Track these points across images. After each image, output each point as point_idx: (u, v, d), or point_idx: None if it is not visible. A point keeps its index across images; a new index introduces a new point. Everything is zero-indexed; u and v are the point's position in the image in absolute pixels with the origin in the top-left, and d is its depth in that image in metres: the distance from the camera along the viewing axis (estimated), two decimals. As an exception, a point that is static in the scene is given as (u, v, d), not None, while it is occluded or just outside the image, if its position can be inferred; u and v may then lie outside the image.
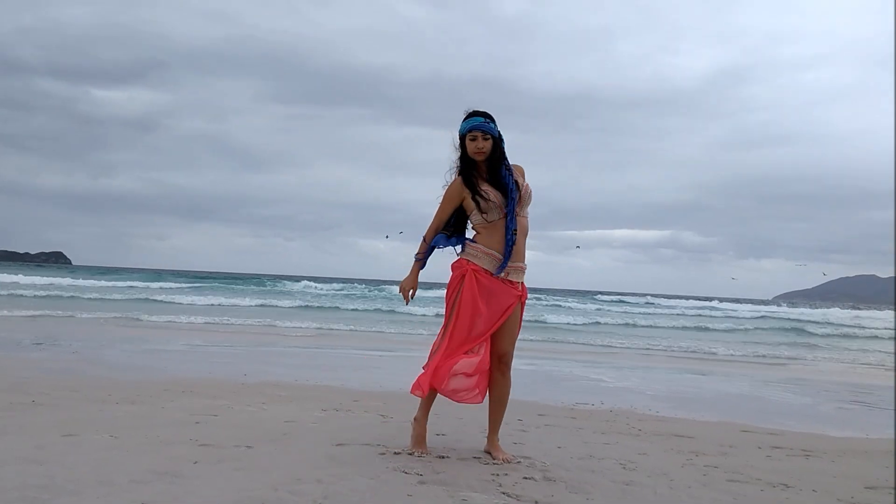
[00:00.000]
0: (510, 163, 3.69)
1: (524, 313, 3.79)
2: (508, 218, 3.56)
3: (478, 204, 3.57)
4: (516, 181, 3.61)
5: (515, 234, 3.57)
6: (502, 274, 3.59)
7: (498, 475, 3.32)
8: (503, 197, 3.56)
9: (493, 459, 3.62)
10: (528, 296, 3.83)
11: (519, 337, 3.76)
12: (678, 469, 3.74)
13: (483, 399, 3.67)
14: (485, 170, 3.64)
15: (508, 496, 3.00)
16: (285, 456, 3.50)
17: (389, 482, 3.12)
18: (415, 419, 3.75)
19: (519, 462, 3.61)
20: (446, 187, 3.70)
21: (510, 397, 3.74)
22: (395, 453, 3.65)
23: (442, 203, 3.71)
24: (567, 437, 4.51)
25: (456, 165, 3.71)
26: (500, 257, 3.57)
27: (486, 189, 3.59)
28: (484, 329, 3.57)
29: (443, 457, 3.63)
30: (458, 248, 3.73)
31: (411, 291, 3.73)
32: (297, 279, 48.66)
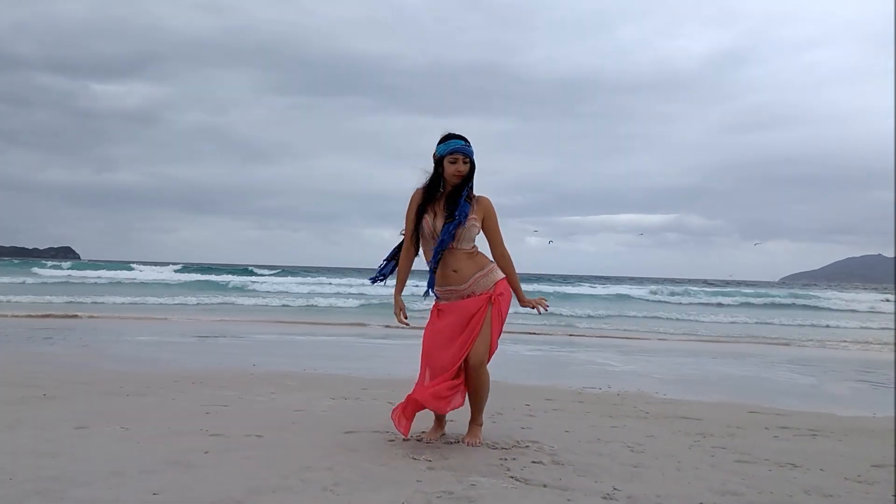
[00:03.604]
0: (477, 195, 3.70)
1: (503, 310, 3.70)
2: (432, 257, 3.63)
3: (419, 233, 3.70)
4: (465, 215, 3.60)
5: (435, 266, 3.62)
6: (461, 297, 3.63)
7: (506, 460, 3.34)
8: (440, 229, 3.60)
9: (461, 440, 3.68)
10: (533, 279, 3.85)
11: (524, 323, 3.77)
12: (686, 451, 3.75)
13: (464, 400, 3.72)
14: (445, 196, 3.66)
15: (517, 480, 3.02)
16: (295, 444, 3.53)
17: (399, 468, 3.14)
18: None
19: (526, 447, 3.63)
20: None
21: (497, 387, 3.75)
22: (403, 440, 3.67)
23: (406, 224, 3.78)
24: (575, 420, 4.53)
25: (423, 186, 3.73)
26: (450, 289, 3.65)
27: (426, 221, 3.64)
28: (458, 349, 3.56)
29: (451, 442, 3.66)
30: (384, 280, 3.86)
31: (401, 314, 3.78)
32: (304, 271, 48.73)
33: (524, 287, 3.85)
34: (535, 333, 11.81)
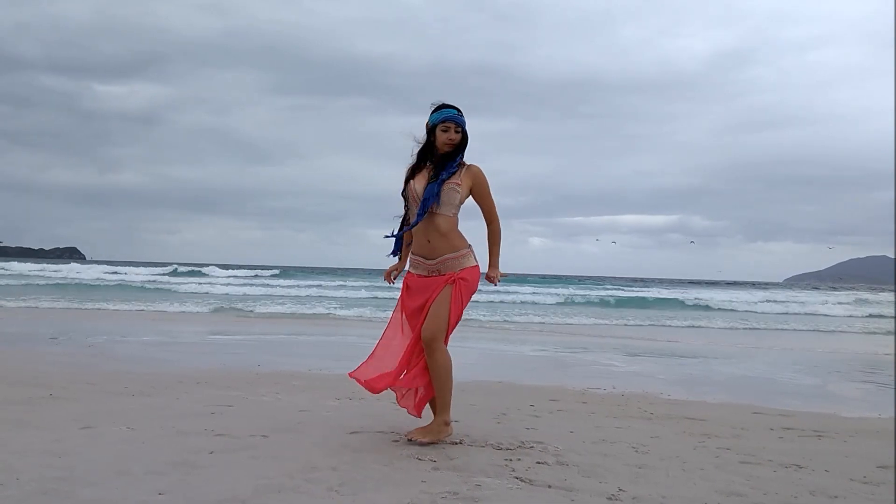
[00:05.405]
0: (467, 164, 3.73)
1: (464, 296, 3.71)
2: (416, 216, 3.66)
3: (405, 200, 3.80)
4: (446, 182, 3.63)
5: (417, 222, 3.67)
6: (429, 272, 3.71)
7: (511, 460, 3.35)
8: (421, 192, 3.66)
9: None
10: (537, 283, 3.88)
11: (524, 324, 3.78)
12: (691, 451, 3.75)
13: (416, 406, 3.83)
14: (434, 164, 3.71)
15: (521, 481, 3.03)
16: (300, 444, 3.54)
17: (404, 469, 3.15)
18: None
19: (531, 447, 3.63)
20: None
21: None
22: (408, 440, 3.68)
23: (404, 203, 3.87)
24: (579, 421, 4.53)
25: (413, 154, 3.79)
26: (420, 258, 3.74)
27: (410, 190, 3.72)
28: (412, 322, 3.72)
29: (456, 443, 3.67)
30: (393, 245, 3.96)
31: (394, 274, 3.99)
32: (312, 271, 48.67)
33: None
34: (534, 324, 11.80)
